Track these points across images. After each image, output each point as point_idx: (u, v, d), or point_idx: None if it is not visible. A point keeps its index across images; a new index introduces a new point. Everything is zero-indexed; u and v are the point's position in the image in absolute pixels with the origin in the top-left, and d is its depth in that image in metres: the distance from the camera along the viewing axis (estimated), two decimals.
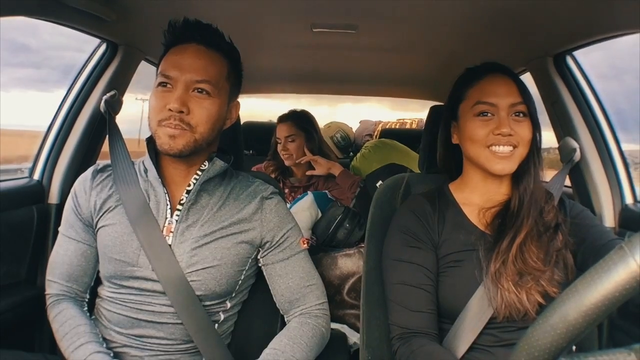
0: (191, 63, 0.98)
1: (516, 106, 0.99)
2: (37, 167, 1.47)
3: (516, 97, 0.99)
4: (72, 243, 1.05)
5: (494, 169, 0.99)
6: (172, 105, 0.95)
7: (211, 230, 1.01)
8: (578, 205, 1.10)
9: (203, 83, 0.98)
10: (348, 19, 1.42)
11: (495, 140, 0.98)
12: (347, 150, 3.32)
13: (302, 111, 2.30)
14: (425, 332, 0.96)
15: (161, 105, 0.97)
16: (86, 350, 0.95)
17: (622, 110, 1.55)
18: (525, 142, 0.99)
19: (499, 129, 0.97)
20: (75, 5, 1.14)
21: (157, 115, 0.98)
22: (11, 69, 2.12)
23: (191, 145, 0.98)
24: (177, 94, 0.96)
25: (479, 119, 1.00)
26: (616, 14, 1.11)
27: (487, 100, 1.00)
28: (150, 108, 1.00)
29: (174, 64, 0.99)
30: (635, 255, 0.46)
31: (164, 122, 0.97)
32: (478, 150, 1.00)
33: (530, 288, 0.91)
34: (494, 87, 1.00)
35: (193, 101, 0.98)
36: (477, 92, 1.02)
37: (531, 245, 0.95)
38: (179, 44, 1.02)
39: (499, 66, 1.05)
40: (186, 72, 0.98)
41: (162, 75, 0.99)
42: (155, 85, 1.01)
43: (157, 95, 0.99)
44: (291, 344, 0.98)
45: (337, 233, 1.87)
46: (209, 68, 0.99)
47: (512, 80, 1.01)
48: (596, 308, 0.47)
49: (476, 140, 1.00)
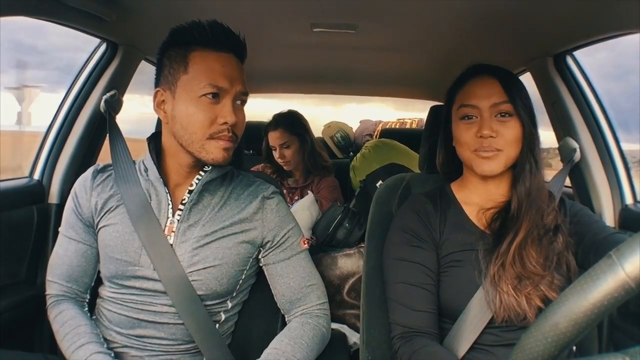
0: (238, 75, 0.99)
1: (499, 106, 0.98)
2: (37, 166, 1.48)
3: (499, 97, 0.98)
4: (72, 243, 1.05)
5: (480, 169, 0.99)
6: (229, 119, 0.96)
7: (212, 230, 1.01)
8: (577, 204, 1.10)
9: (244, 95, 1.01)
10: (348, 19, 1.42)
11: (478, 145, 0.98)
12: (347, 150, 3.32)
13: (289, 114, 2.26)
14: (426, 331, 0.96)
15: (211, 118, 0.96)
16: (87, 350, 0.95)
17: (628, 110, 1.56)
18: (511, 142, 0.97)
19: (480, 131, 0.97)
20: (75, 5, 1.14)
21: (208, 128, 0.96)
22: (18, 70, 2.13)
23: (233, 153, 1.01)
24: (230, 106, 0.97)
25: (463, 122, 1.01)
26: (616, 14, 1.11)
27: (468, 103, 1.00)
28: (193, 120, 0.95)
29: (224, 74, 0.96)
30: (623, 264, 0.46)
31: (218, 135, 0.97)
32: (465, 153, 1.01)
33: (530, 292, 0.91)
34: (476, 89, 1.01)
35: (237, 113, 0.99)
36: (461, 96, 1.03)
37: (530, 249, 0.94)
38: (216, 50, 0.98)
39: (486, 67, 1.04)
40: (236, 85, 0.98)
41: (211, 85, 0.95)
42: (198, 94, 0.95)
43: (203, 106, 0.95)
44: (292, 344, 0.98)
45: (336, 233, 1.87)
46: (245, 80, 1.01)
47: (496, 80, 1.00)
48: (585, 317, 0.48)
49: (462, 143, 1.01)
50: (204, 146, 0.97)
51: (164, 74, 1.00)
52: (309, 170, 2.23)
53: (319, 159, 2.25)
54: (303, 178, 2.24)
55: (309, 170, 2.23)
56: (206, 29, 0.98)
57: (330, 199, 2.11)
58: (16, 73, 2.54)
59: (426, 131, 1.29)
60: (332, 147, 3.29)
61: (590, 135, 1.37)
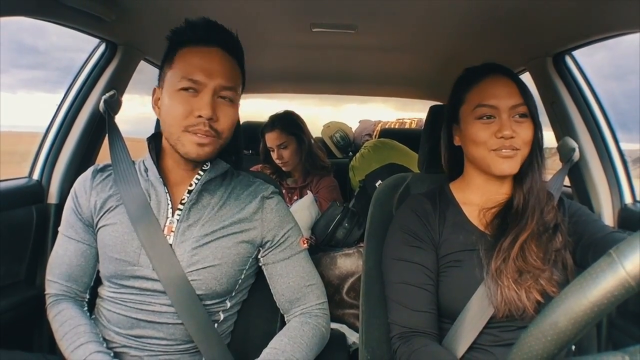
0: (219, 69, 0.97)
1: (517, 108, 0.98)
2: (36, 167, 1.47)
3: (517, 98, 0.98)
4: (71, 243, 1.05)
5: (499, 168, 0.98)
6: (203, 112, 0.94)
7: (212, 230, 1.01)
8: (575, 203, 1.10)
9: (228, 90, 0.98)
10: (348, 19, 1.42)
11: (499, 145, 0.97)
12: (346, 150, 3.32)
13: (285, 114, 2.26)
14: (425, 331, 0.96)
15: (187, 111, 0.95)
16: (86, 350, 0.95)
17: (627, 110, 1.56)
18: (527, 143, 0.98)
19: (501, 131, 0.96)
20: (75, 5, 1.14)
21: (182, 121, 0.95)
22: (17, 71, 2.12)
23: (216, 151, 0.99)
24: (207, 100, 0.95)
25: (480, 122, 1.00)
26: (615, 14, 1.11)
27: (488, 103, 0.99)
28: (170, 112, 0.97)
29: (200, 67, 0.96)
30: (623, 263, 0.46)
31: (192, 128, 0.96)
32: (482, 153, 1.00)
33: (530, 286, 0.91)
34: (495, 89, 0.99)
35: (220, 108, 0.97)
36: (477, 95, 1.01)
37: (532, 244, 0.95)
38: (200, 46, 0.98)
39: (498, 67, 1.04)
40: (215, 78, 0.96)
41: (187, 79, 0.95)
42: (176, 88, 0.96)
43: (180, 99, 0.96)
44: (291, 344, 0.98)
45: (336, 232, 1.87)
46: (232, 75, 0.99)
47: (512, 81, 1.00)
48: (585, 315, 0.48)
49: (479, 144, 1.00)
50: (180, 139, 0.97)
51: (160, 73, 1.03)
52: (307, 170, 2.23)
53: (317, 159, 2.25)
54: (302, 178, 2.24)
55: (307, 170, 2.23)
56: (190, 26, 1.00)
57: (329, 198, 2.11)
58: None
59: (426, 131, 1.29)
60: (332, 147, 3.29)
61: (589, 135, 1.37)
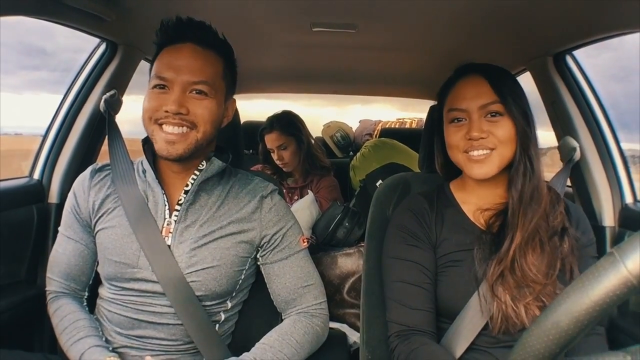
0: (187, 64, 0.97)
1: (488, 106, 0.96)
2: (37, 166, 1.48)
3: (488, 97, 0.96)
4: (70, 243, 1.06)
5: (471, 173, 0.97)
6: (169, 107, 0.94)
7: (210, 231, 1.01)
8: (579, 209, 1.06)
9: (200, 84, 0.97)
10: (348, 19, 1.42)
11: (469, 146, 0.96)
12: (347, 150, 3.32)
13: (283, 114, 2.26)
14: (423, 330, 0.95)
15: (156, 106, 0.96)
16: (85, 343, 0.95)
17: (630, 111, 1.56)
18: (504, 141, 0.95)
19: (469, 133, 0.95)
20: (75, 5, 1.14)
21: (153, 114, 0.96)
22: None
23: (192, 147, 0.97)
24: (174, 96, 0.95)
25: (452, 125, 1.00)
26: (616, 14, 1.11)
27: (458, 107, 0.99)
28: (144, 109, 0.99)
29: (169, 65, 0.97)
30: (625, 261, 0.46)
31: (161, 120, 0.96)
32: (457, 157, 0.99)
33: (529, 303, 0.89)
34: (464, 91, 0.99)
35: (191, 102, 0.96)
36: (450, 99, 1.01)
37: (531, 256, 0.92)
38: (173, 44, 1.00)
39: (473, 67, 1.02)
40: (182, 74, 0.96)
41: (157, 77, 0.97)
42: (150, 86, 0.99)
43: (152, 96, 0.98)
44: (280, 340, 0.99)
45: (336, 232, 1.87)
46: (205, 68, 0.98)
47: (484, 80, 0.98)
48: (587, 314, 0.47)
49: (453, 147, 0.99)
50: (154, 135, 0.98)
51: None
52: (307, 170, 2.23)
53: (316, 159, 2.25)
54: (302, 178, 2.24)
55: (307, 170, 2.23)
56: (163, 28, 1.01)
57: (329, 198, 2.11)
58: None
59: (425, 131, 1.29)
60: (332, 147, 3.28)
61: (590, 135, 1.37)
